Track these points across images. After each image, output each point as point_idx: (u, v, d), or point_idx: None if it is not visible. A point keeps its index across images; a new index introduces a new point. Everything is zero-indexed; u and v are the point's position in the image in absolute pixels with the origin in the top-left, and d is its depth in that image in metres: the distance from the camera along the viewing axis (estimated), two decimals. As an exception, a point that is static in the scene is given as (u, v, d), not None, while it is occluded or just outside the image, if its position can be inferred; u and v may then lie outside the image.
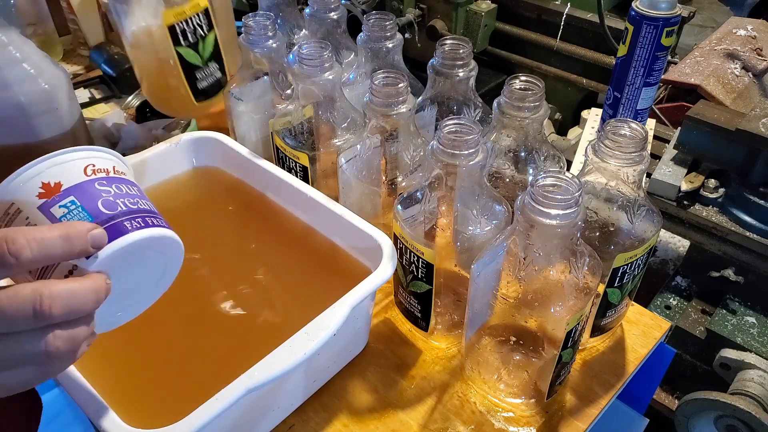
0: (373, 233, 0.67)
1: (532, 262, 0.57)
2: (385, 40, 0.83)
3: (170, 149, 0.82)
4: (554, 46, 1.34)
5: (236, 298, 0.67)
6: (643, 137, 0.59)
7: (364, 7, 1.25)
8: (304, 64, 0.74)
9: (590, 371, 0.71)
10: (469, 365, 0.69)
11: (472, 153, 0.59)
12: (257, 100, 0.87)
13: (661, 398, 1.12)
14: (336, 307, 0.59)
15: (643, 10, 0.84)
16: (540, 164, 0.70)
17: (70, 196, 0.39)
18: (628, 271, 0.64)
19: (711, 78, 1.23)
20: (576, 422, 0.66)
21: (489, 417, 0.66)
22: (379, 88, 0.68)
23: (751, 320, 1.04)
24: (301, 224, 0.76)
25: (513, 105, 0.67)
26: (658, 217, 0.64)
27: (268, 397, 0.61)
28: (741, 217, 0.99)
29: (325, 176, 0.82)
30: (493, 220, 0.64)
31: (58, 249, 0.35)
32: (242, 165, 0.82)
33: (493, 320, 0.65)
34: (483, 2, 1.31)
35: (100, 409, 0.51)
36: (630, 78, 0.89)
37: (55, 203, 0.38)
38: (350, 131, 0.79)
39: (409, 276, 0.67)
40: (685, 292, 1.14)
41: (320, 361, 0.65)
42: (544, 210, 0.52)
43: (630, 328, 0.76)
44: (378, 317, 0.76)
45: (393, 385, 0.69)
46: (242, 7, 1.60)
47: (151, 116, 1.12)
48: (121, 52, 1.23)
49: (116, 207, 0.40)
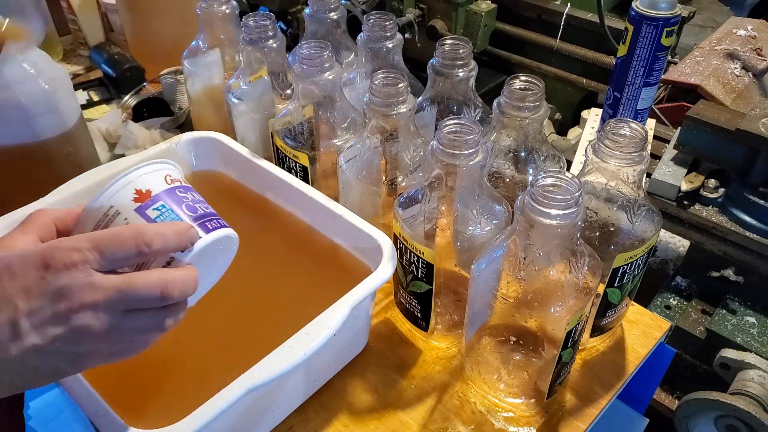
0: (373, 233, 0.67)
1: (532, 262, 0.57)
2: (385, 40, 0.83)
3: (170, 149, 0.82)
4: (554, 46, 1.34)
5: (236, 297, 0.67)
6: (643, 137, 0.59)
7: (364, 7, 1.25)
8: (304, 64, 0.74)
9: (590, 371, 0.71)
10: (469, 365, 0.69)
11: (472, 153, 0.59)
12: (257, 100, 0.87)
13: (661, 398, 1.11)
14: (336, 307, 0.59)
15: (643, 10, 0.84)
16: (540, 164, 0.70)
17: (160, 200, 0.46)
18: (628, 271, 0.64)
19: (711, 78, 1.23)
20: (576, 422, 0.66)
21: (489, 417, 0.66)
22: (379, 88, 0.68)
23: (751, 320, 1.04)
24: (302, 224, 0.76)
25: (513, 105, 0.67)
26: (658, 217, 0.64)
27: (268, 397, 0.61)
28: (741, 217, 0.99)
29: (325, 176, 0.82)
30: (493, 220, 0.64)
31: (173, 242, 0.43)
32: (242, 165, 0.82)
33: (493, 320, 0.65)
34: (483, 2, 1.31)
35: (100, 409, 0.51)
36: (630, 78, 0.89)
37: (149, 206, 0.46)
38: (350, 131, 0.79)
39: (409, 276, 0.67)
40: (685, 292, 1.14)
41: (320, 361, 0.65)
42: (544, 210, 0.52)
43: (630, 328, 0.76)
44: (378, 317, 0.76)
45: (393, 385, 0.69)
46: (242, 7, 1.60)
47: (148, 116, 1.12)
48: (121, 51, 1.23)
49: (196, 210, 0.48)
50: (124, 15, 1.27)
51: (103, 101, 1.20)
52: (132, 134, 1.02)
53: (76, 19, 1.32)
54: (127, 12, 1.26)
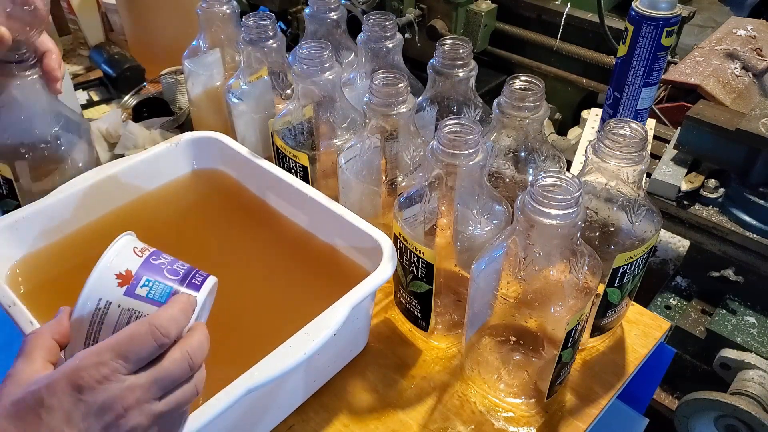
0: (373, 233, 0.67)
1: (532, 262, 0.57)
2: (385, 40, 0.83)
3: (170, 149, 0.82)
4: (554, 46, 1.34)
5: (236, 297, 0.67)
6: (643, 137, 0.59)
7: (364, 7, 1.25)
8: (304, 64, 0.74)
9: (590, 371, 0.71)
10: (469, 365, 0.69)
11: (472, 153, 0.59)
12: (257, 100, 0.87)
13: (661, 398, 1.11)
14: (336, 307, 0.59)
15: (643, 10, 0.84)
16: (540, 164, 0.70)
17: (143, 277, 0.46)
18: (628, 271, 0.64)
19: (711, 78, 1.23)
20: (576, 422, 0.66)
21: (489, 417, 0.66)
22: (379, 88, 0.68)
23: (751, 320, 1.04)
24: (301, 224, 0.76)
25: (513, 105, 0.67)
26: (658, 217, 0.64)
27: (268, 397, 0.61)
28: (741, 217, 0.99)
29: (325, 176, 0.82)
30: (493, 220, 0.64)
31: (184, 320, 0.45)
32: (242, 165, 0.82)
33: (493, 320, 0.65)
34: (483, 2, 1.31)
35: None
36: (630, 78, 0.89)
37: (135, 286, 0.46)
38: (350, 131, 0.79)
39: (409, 276, 0.67)
40: (685, 292, 1.14)
41: (320, 361, 0.65)
42: (544, 210, 0.52)
43: (630, 328, 0.76)
44: (378, 317, 0.76)
45: (393, 385, 0.69)
46: (242, 7, 1.60)
47: (148, 116, 1.12)
48: (121, 51, 1.23)
49: (177, 273, 0.48)
50: (124, 15, 1.27)
51: (103, 101, 1.20)
52: (132, 134, 1.02)
53: (76, 19, 1.32)
54: (127, 12, 1.26)
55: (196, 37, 0.95)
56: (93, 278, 0.46)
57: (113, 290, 0.45)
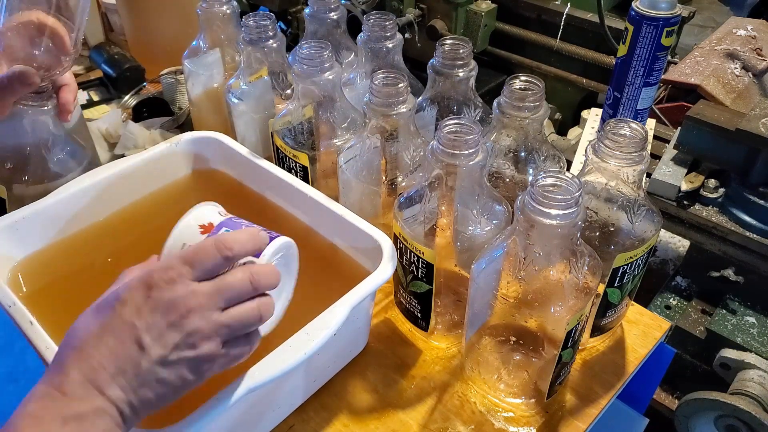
0: (373, 233, 0.67)
1: (532, 262, 0.57)
2: (385, 40, 0.83)
3: (170, 149, 0.82)
4: (554, 46, 1.34)
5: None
6: (643, 137, 0.59)
7: (364, 7, 1.25)
8: (304, 64, 0.74)
9: (590, 371, 0.71)
10: (469, 365, 0.69)
11: (472, 153, 0.59)
12: (257, 100, 0.87)
13: (661, 398, 1.11)
14: (336, 307, 0.59)
15: (643, 10, 0.84)
16: (540, 164, 0.70)
17: (223, 227, 0.52)
18: (628, 271, 0.64)
19: (711, 78, 1.23)
20: (576, 422, 0.66)
21: (489, 417, 0.66)
22: (379, 88, 0.68)
23: (751, 320, 1.04)
24: (301, 224, 0.76)
25: (513, 105, 0.67)
26: (658, 217, 0.64)
27: (268, 397, 0.61)
28: (741, 217, 0.99)
29: (325, 176, 0.82)
30: (493, 220, 0.64)
31: (250, 244, 0.49)
32: (242, 165, 0.82)
33: (493, 320, 0.65)
34: (483, 2, 1.31)
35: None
36: (630, 78, 0.89)
37: (215, 234, 0.51)
38: (350, 131, 0.79)
39: (409, 276, 0.67)
40: (685, 292, 1.14)
41: (320, 361, 0.65)
42: (544, 210, 0.52)
43: (630, 328, 0.76)
44: (378, 317, 0.76)
45: (393, 385, 0.69)
46: (242, 7, 1.60)
47: (148, 116, 1.12)
48: (121, 51, 1.23)
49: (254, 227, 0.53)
50: (124, 15, 1.27)
51: (103, 101, 1.20)
52: (132, 134, 1.02)
53: (76, 19, 1.31)
54: (127, 12, 1.26)
55: (196, 37, 0.95)
56: (179, 227, 0.52)
57: (196, 236, 0.51)
